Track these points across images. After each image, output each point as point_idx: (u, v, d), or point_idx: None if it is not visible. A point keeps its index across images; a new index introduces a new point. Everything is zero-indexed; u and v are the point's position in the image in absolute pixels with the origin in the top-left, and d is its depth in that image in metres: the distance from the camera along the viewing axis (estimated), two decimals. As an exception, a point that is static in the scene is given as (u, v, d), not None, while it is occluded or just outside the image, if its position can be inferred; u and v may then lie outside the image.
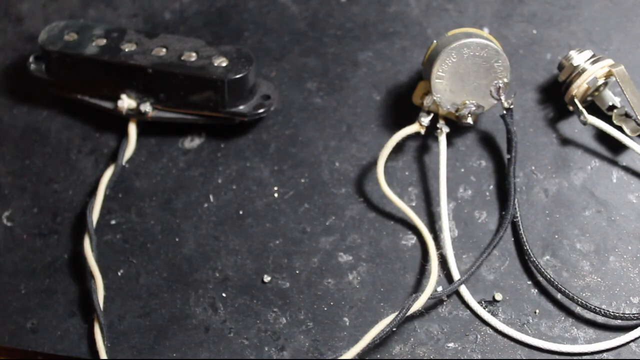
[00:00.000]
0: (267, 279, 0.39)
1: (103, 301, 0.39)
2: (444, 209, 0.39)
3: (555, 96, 0.41)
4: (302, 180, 0.41)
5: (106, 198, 0.41)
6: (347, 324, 0.38)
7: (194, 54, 0.40)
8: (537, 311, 0.38)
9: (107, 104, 0.41)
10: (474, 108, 0.38)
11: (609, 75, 0.39)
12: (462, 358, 0.37)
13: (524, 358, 0.37)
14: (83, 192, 0.42)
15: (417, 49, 0.43)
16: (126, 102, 0.41)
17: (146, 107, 0.41)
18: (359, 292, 0.39)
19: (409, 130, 0.39)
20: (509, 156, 0.39)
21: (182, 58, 0.40)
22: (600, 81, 0.39)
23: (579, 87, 0.39)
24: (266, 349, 0.38)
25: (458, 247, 0.39)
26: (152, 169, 0.42)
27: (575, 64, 0.39)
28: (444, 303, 0.38)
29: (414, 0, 0.44)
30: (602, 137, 0.40)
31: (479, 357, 0.37)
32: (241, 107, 0.41)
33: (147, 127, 0.42)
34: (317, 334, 0.38)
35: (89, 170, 0.42)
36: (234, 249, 0.40)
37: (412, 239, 0.39)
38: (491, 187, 0.40)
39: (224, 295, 0.39)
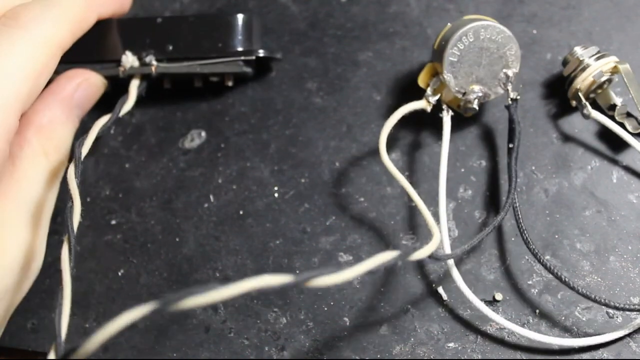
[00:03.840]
0: (267, 279, 0.39)
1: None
2: (442, 187, 0.38)
3: (556, 96, 0.41)
4: (302, 180, 0.41)
5: (106, 198, 0.41)
6: (347, 324, 0.38)
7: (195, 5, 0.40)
8: (537, 311, 0.38)
9: (109, 68, 0.41)
10: (480, 94, 0.38)
11: (614, 71, 0.39)
12: (462, 358, 0.37)
13: (524, 358, 0.37)
14: (84, 192, 0.42)
15: (417, 49, 0.43)
16: (130, 58, 0.40)
17: (151, 60, 0.40)
18: (359, 292, 0.39)
19: (415, 106, 0.38)
20: (511, 145, 0.39)
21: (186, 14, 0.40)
22: (605, 76, 0.39)
23: (584, 80, 0.39)
24: (266, 349, 0.38)
25: (458, 247, 0.39)
26: (152, 169, 0.42)
27: (581, 59, 0.39)
28: (444, 303, 0.38)
29: (414, 0, 0.44)
30: (603, 137, 0.40)
31: (479, 357, 0.37)
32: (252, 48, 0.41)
33: (152, 90, 0.42)
34: (317, 334, 0.38)
35: (90, 170, 0.42)
36: (234, 249, 0.40)
37: (412, 239, 0.39)
38: (491, 187, 0.40)
39: (224, 295, 0.39)
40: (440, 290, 0.38)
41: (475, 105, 0.38)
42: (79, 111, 0.38)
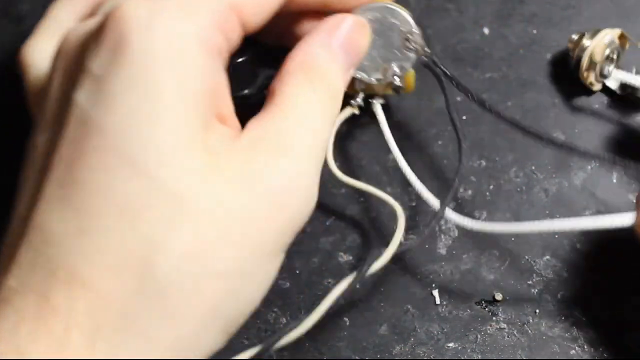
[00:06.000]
0: (267, 279, 0.39)
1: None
2: (410, 175, 0.38)
3: (556, 96, 0.41)
4: (302, 180, 0.41)
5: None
6: (347, 323, 0.38)
7: None
8: (537, 311, 0.38)
9: None
10: (398, 70, 0.37)
11: (622, 38, 0.39)
12: (462, 358, 0.37)
13: (524, 358, 0.37)
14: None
15: (417, 48, 0.43)
16: None
17: None
18: (359, 292, 0.39)
19: (344, 116, 0.38)
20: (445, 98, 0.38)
21: None
22: (616, 42, 0.39)
23: (596, 46, 0.39)
24: (266, 349, 0.38)
25: (458, 247, 0.39)
26: (152, 169, 0.42)
27: (582, 35, 0.40)
28: (444, 303, 0.38)
29: (414, 0, 0.44)
30: (603, 136, 0.40)
31: (479, 357, 0.37)
32: (246, 91, 0.40)
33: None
34: (317, 334, 0.38)
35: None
36: (234, 249, 0.40)
37: (412, 239, 0.39)
38: (491, 187, 0.40)
39: (224, 295, 0.39)
40: (435, 293, 0.38)
41: (399, 83, 0.37)
42: (347, 57, 0.33)
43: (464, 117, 0.41)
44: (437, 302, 0.38)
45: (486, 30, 0.43)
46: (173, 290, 0.26)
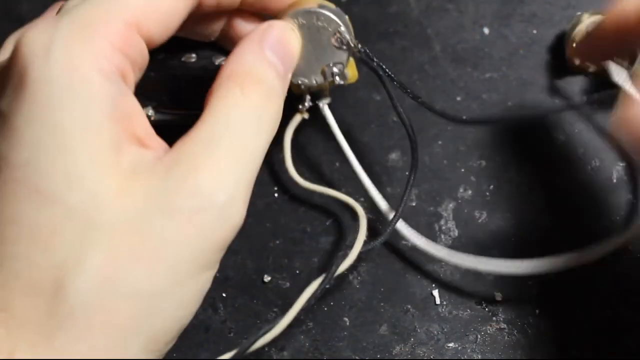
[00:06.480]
0: (267, 278, 0.39)
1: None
2: (361, 173, 0.38)
3: (556, 96, 0.41)
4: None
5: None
6: (347, 324, 0.38)
7: (193, 55, 0.40)
8: (537, 311, 0.38)
9: None
10: (335, 69, 0.37)
11: None
12: (462, 358, 0.37)
13: (524, 358, 0.37)
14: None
15: (417, 49, 0.43)
16: None
17: (148, 111, 0.40)
18: (359, 292, 0.39)
19: (295, 124, 0.38)
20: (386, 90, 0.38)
21: (182, 60, 0.40)
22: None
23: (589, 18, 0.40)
24: (266, 349, 0.38)
25: (458, 247, 0.39)
26: (152, 169, 0.42)
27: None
28: (444, 303, 0.38)
29: (414, 0, 0.44)
30: (603, 136, 0.40)
31: (479, 357, 0.37)
32: None
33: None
34: (317, 334, 0.38)
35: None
36: (234, 249, 0.40)
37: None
38: (491, 187, 0.40)
39: (224, 295, 0.39)
40: (435, 293, 0.38)
41: (341, 80, 0.37)
42: (279, 60, 0.33)
43: (464, 117, 0.41)
44: (437, 302, 0.38)
45: (486, 30, 0.43)
46: (87, 309, 0.27)
